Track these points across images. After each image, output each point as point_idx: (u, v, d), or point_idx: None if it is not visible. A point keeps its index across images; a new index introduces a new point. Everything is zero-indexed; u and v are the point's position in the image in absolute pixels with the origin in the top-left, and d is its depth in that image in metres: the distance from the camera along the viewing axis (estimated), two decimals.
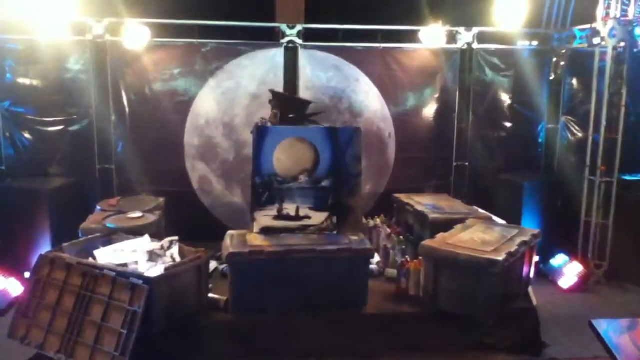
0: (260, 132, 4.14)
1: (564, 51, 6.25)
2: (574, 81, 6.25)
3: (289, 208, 3.98)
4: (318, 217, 3.88)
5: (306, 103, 4.91)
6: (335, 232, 3.92)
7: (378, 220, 5.37)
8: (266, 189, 4.00)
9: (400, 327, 4.05)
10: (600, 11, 5.45)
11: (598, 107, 5.57)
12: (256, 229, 4.00)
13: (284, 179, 3.96)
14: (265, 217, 4.02)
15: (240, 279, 3.88)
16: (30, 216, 5.22)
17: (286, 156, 3.97)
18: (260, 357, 3.84)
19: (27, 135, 5.65)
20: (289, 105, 4.76)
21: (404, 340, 4.02)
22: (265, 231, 4.01)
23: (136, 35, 5.52)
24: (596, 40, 5.55)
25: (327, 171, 3.79)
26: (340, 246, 3.96)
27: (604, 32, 5.39)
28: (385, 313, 4.10)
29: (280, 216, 4.01)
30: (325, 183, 3.79)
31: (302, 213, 3.97)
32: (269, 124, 4.54)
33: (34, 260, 3.92)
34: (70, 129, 5.73)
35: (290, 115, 4.59)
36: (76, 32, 5.60)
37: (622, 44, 5.37)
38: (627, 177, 5.58)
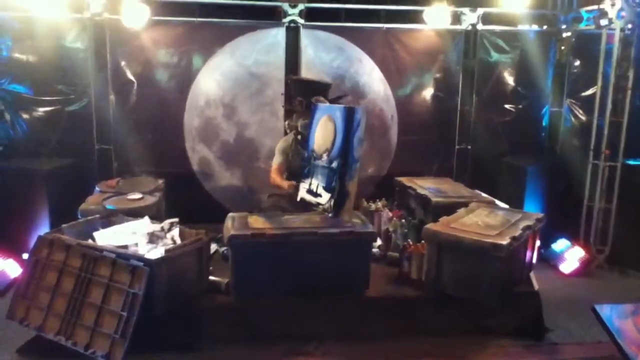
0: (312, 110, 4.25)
1: (569, 33, 6.17)
2: (579, 64, 6.18)
3: (314, 184, 3.99)
4: (325, 197, 3.83)
5: (328, 86, 4.88)
6: (329, 215, 3.89)
7: (380, 204, 5.33)
8: (308, 163, 4.10)
9: (402, 311, 4.02)
10: None
11: (604, 90, 5.50)
12: (298, 197, 4.14)
13: (317, 155, 3.99)
14: (303, 189, 4.09)
15: (241, 262, 3.84)
16: (27, 197, 5.15)
17: (320, 134, 4.01)
18: (261, 340, 3.81)
19: (24, 115, 5.57)
20: (310, 90, 4.74)
21: (406, 324, 3.99)
22: (302, 201, 4.11)
23: (135, 13, 5.40)
24: (603, 22, 5.44)
25: (337, 153, 3.76)
26: (343, 229, 3.92)
27: (612, 13, 5.28)
28: (387, 296, 4.08)
29: (309, 190, 4.04)
30: (334, 164, 3.74)
31: (319, 191, 3.94)
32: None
33: (32, 241, 3.89)
34: (68, 108, 5.64)
35: (319, 98, 4.62)
36: (74, 10, 5.48)
37: (630, 26, 5.27)
38: (632, 162, 5.52)
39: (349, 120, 3.76)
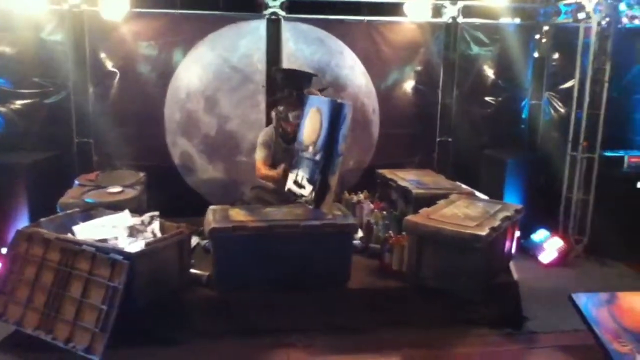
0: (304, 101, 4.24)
1: (548, 27, 6.23)
2: (557, 57, 6.26)
3: (299, 175, 3.97)
4: (308, 189, 3.84)
5: (312, 77, 4.86)
6: (310, 207, 3.91)
7: (361, 196, 5.35)
8: (297, 154, 4.07)
9: (383, 303, 4.05)
10: None
11: (581, 83, 5.58)
12: (286, 187, 4.11)
13: (304, 147, 3.97)
14: (290, 180, 4.06)
15: (223, 255, 3.85)
16: (6, 191, 5.07)
17: (309, 126, 3.99)
18: (243, 333, 3.82)
19: (1, 108, 5.48)
20: (298, 81, 4.73)
21: (388, 316, 4.03)
22: (289, 191, 4.08)
23: (114, 5, 5.32)
24: (581, 16, 5.52)
25: (322, 146, 3.77)
26: (324, 221, 3.94)
27: (589, 7, 5.35)
28: (369, 288, 4.10)
29: (295, 181, 4.02)
30: (317, 157, 3.76)
31: (303, 183, 3.94)
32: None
33: (10, 235, 3.85)
34: (47, 101, 5.56)
35: (311, 90, 4.63)
36: (52, 1, 5.39)
37: (607, 19, 5.35)
38: (609, 153, 5.61)
39: (336, 114, 3.77)
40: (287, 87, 4.70)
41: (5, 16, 5.32)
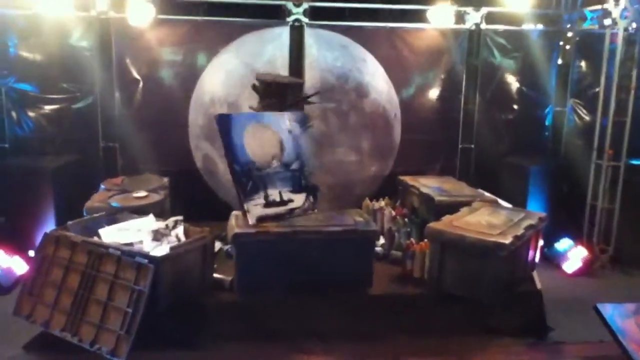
0: (222, 122, 3.98)
1: (572, 33, 6.16)
2: (583, 63, 6.18)
3: (273, 194, 3.94)
4: (299, 199, 3.89)
5: (299, 84, 4.78)
6: (315, 211, 3.99)
7: (383, 203, 5.35)
8: (248, 178, 3.90)
9: (404, 309, 4.05)
10: None
11: (607, 90, 5.51)
12: (251, 220, 3.89)
13: (260, 165, 3.91)
14: (256, 207, 3.93)
15: (245, 260, 3.87)
16: (34, 194, 5.19)
17: (255, 142, 3.93)
18: (263, 336, 3.84)
19: (30, 113, 5.62)
20: (279, 89, 4.62)
21: (408, 322, 4.02)
22: (261, 220, 3.92)
23: (141, 11, 5.44)
24: (607, 22, 5.46)
25: (292, 154, 3.81)
26: (346, 227, 3.95)
27: (616, 13, 5.31)
28: (390, 294, 4.11)
29: (268, 203, 3.96)
30: (294, 165, 3.81)
31: (285, 197, 3.96)
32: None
33: (38, 238, 3.93)
34: (74, 106, 5.69)
35: (274, 100, 4.53)
36: (80, 8, 5.52)
37: (634, 25, 5.28)
38: (635, 162, 5.52)
39: (303, 123, 4.03)
40: (269, 97, 4.60)
41: (34, 22, 5.45)
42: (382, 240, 4.80)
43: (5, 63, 5.52)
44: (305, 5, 5.75)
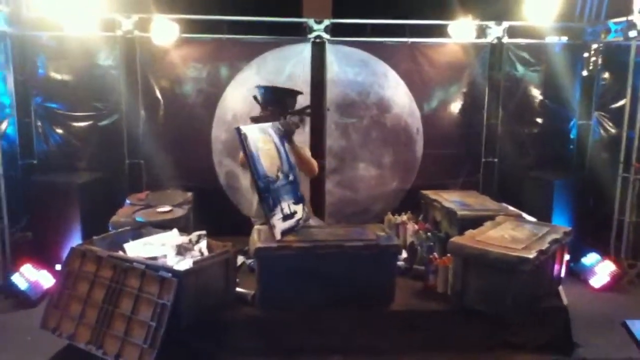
0: (240, 135, 3.82)
1: (597, 45, 6.11)
2: (607, 76, 6.09)
3: (285, 207, 3.95)
4: (299, 210, 3.90)
5: (296, 93, 4.70)
6: (310, 221, 4.12)
7: (405, 217, 5.33)
8: (268, 193, 3.85)
9: (427, 325, 3.99)
10: (637, 3, 5.31)
11: (633, 102, 5.44)
12: (278, 235, 3.85)
13: (272, 178, 3.88)
14: (279, 221, 3.90)
15: (267, 274, 3.88)
16: (61, 210, 5.31)
17: (265, 155, 3.90)
18: (285, 352, 3.83)
19: (58, 130, 5.76)
20: (279, 98, 4.58)
21: (431, 338, 3.96)
22: (285, 234, 3.92)
23: (165, 31, 5.57)
24: (632, 33, 5.40)
25: (288, 164, 3.86)
26: (368, 242, 3.94)
27: None
28: (412, 310, 4.04)
29: (284, 217, 3.95)
30: (291, 177, 3.83)
31: (292, 209, 3.98)
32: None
33: (64, 253, 3.99)
34: (100, 123, 5.81)
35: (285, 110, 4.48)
36: (106, 28, 5.68)
37: None
38: None
39: (288, 133, 4.16)
40: (269, 105, 4.54)
41: (62, 43, 5.63)
42: (404, 255, 4.78)
43: (35, 82, 5.68)
44: (327, 22, 5.82)
